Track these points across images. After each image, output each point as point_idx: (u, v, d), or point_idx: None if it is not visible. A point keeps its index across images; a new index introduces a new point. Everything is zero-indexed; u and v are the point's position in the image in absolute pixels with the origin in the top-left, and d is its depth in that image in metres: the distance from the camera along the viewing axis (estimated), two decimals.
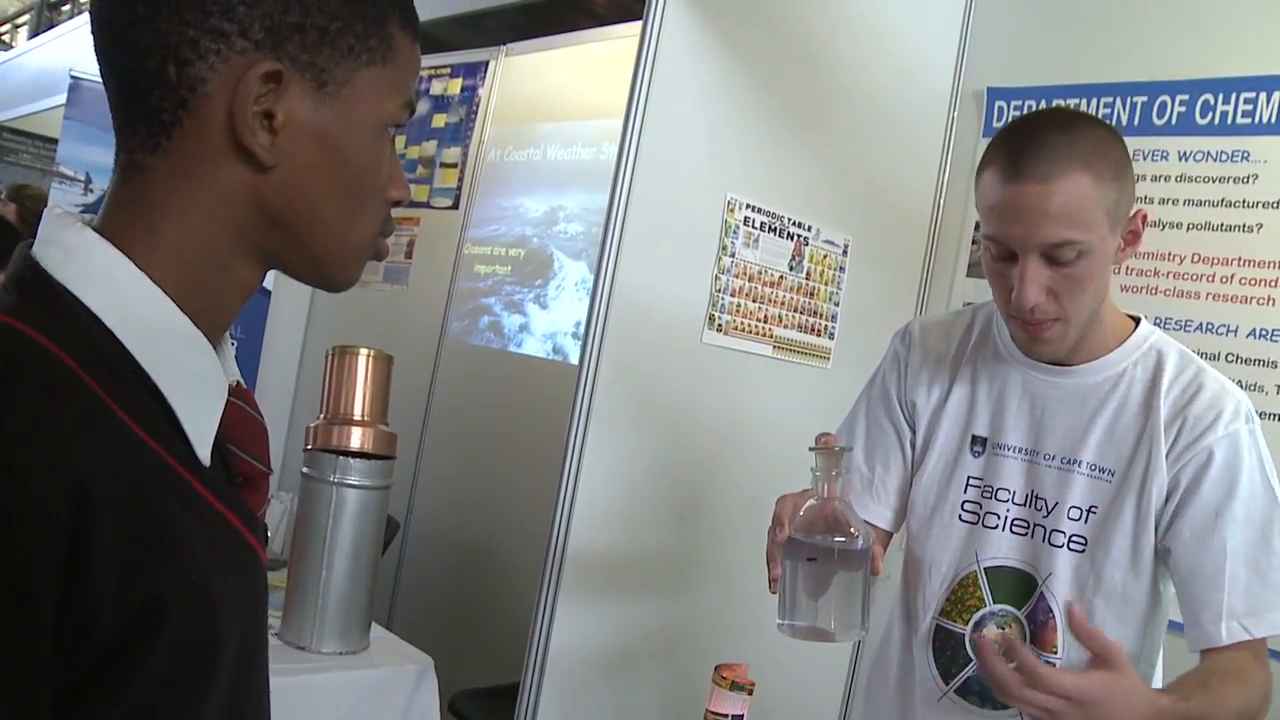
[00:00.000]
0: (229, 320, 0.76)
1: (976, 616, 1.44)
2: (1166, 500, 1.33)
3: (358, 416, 2.07)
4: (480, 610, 3.43)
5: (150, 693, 0.63)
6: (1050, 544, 1.39)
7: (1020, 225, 1.25)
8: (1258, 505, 1.30)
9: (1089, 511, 1.37)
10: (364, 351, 2.11)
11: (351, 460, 2.02)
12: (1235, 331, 2.29)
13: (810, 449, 1.29)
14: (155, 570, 0.62)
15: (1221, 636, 1.27)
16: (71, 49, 5.43)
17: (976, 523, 1.45)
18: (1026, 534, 1.41)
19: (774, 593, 1.28)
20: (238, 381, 0.78)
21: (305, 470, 2.06)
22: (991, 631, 1.42)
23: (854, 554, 1.25)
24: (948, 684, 1.45)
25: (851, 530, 1.26)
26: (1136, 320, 1.41)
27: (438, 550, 3.67)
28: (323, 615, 1.98)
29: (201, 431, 0.71)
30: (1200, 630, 1.29)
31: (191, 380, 0.71)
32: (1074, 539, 1.38)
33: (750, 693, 1.54)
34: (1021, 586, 1.42)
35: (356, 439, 2.05)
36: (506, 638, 2.69)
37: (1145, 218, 1.33)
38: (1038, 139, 1.25)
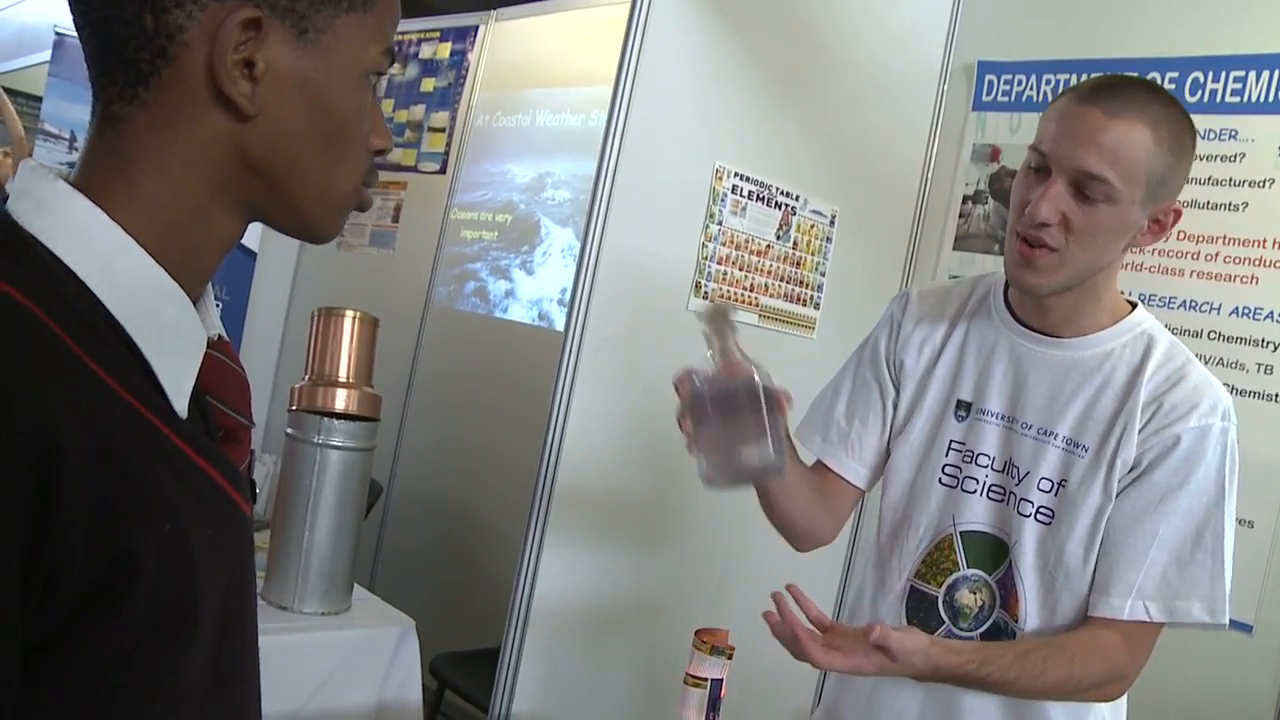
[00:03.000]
0: (209, 273, 0.75)
1: (950, 579, 1.46)
2: (1128, 473, 1.35)
3: (342, 378, 2.08)
4: (462, 574, 3.44)
5: (125, 645, 0.62)
6: (1019, 512, 1.40)
7: (1068, 143, 1.26)
8: (1202, 501, 1.32)
9: (1059, 485, 1.38)
10: (350, 313, 2.11)
11: (335, 421, 2.02)
12: (1218, 309, 2.30)
13: (695, 313, 1.29)
14: (127, 522, 0.61)
15: (1124, 611, 1.32)
16: (55, 5, 5.34)
17: (956, 486, 1.46)
18: (1002, 500, 1.43)
19: (693, 455, 1.30)
20: (219, 335, 0.77)
21: (289, 431, 2.05)
22: (964, 596, 1.45)
23: (755, 390, 1.27)
24: None
25: (750, 372, 1.28)
26: (1134, 306, 1.42)
27: (421, 513, 3.67)
28: (305, 576, 1.99)
29: (177, 383, 0.70)
30: (1106, 601, 1.33)
31: (167, 332, 0.69)
32: (1041, 510, 1.39)
33: (730, 657, 1.55)
34: (994, 552, 1.43)
35: (341, 400, 2.05)
36: (488, 601, 2.70)
37: (1179, 215, 1.34)
38: (1124, 83, 1.29)
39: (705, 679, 1.55)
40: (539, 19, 3.68)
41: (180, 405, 0.70)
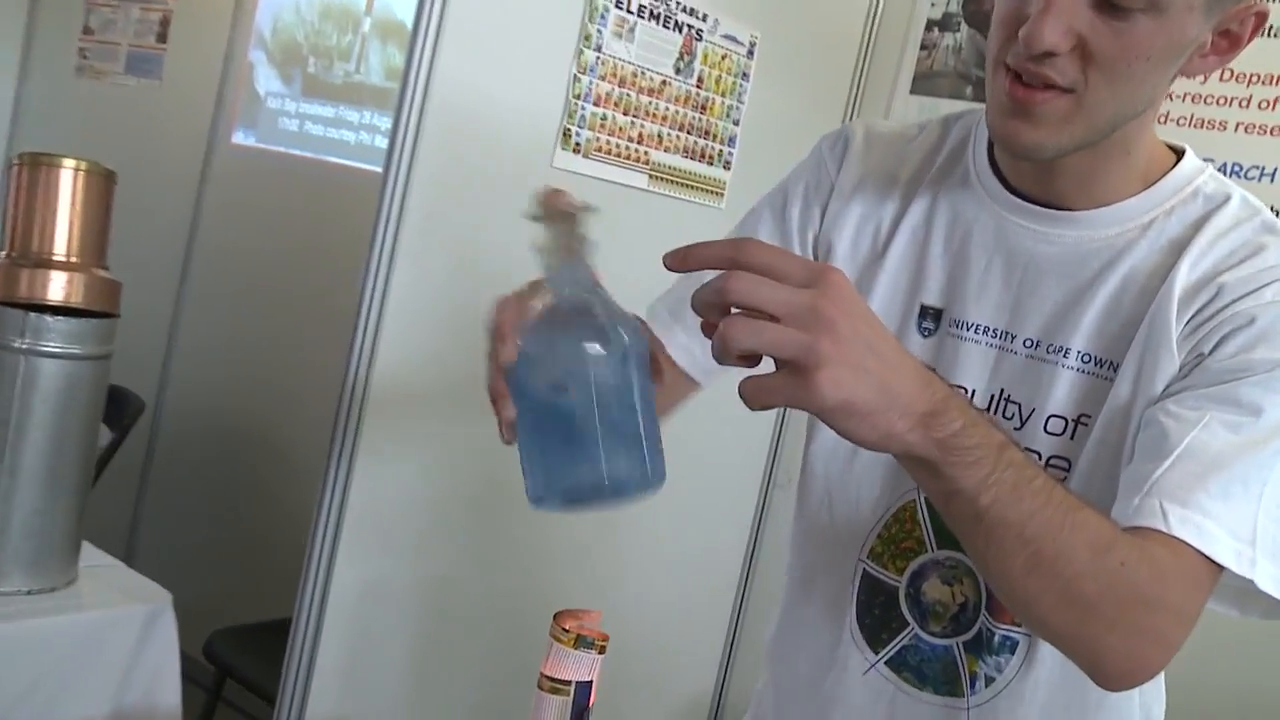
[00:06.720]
0: None
1: (915, 565, 1.33)
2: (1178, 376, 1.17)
3: (60, 256, 1.95)
4: (259, 522, 3.43)
5: None
6: None
7: None
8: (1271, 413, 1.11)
9: (1076, 423, 1.23)
10: (70, 164, 1.97)
11: (49, 318, 1.90)
12: (1273, 176, 2.38)
13: (532, 216, 1.04)
14: None
15: (1130, 510, 1.08)
16: None
17: None
18: None
19: (508, 443, 1.07)
20: None
21: None
22: (935, 588, 1.32)
23: (622, 362, 1.01)
24: (877, 653, 1.36)
25: (614, 327, 1.02)
26: (1180, 154, 1.24)
27: (201, 440, 3.65)
28: (2, 539, 1.86)
29: None
30: (1117, 505, 1.11)
31: None
32: (1053, 462, 1.24)
33: (602, 650, 1.43)
34: None
35: (58, 288, 1.94)
36: (287, 558, 2.65)
37: (1263, 18, 1.14)
38: None
39: (568, 682, 1.42)
40: None
41: None
